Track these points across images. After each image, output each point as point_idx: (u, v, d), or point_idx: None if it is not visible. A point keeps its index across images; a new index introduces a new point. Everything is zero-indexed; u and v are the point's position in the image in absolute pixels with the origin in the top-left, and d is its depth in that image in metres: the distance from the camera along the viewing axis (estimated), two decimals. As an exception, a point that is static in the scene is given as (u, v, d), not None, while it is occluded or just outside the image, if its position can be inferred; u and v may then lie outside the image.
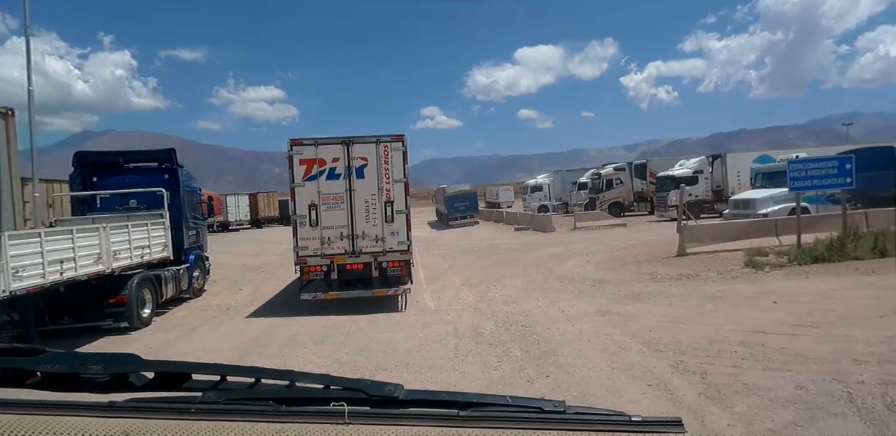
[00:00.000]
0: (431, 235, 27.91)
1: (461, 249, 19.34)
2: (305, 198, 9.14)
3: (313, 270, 9.28)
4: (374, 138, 9.28)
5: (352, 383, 1.11)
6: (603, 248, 16.01)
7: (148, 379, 1.16)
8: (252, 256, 20.75)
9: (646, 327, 7.08)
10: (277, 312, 9.60)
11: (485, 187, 67.74)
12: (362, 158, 9.21)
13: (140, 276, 8.54)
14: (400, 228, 9.35)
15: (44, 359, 1.18)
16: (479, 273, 13.09)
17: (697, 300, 8.57)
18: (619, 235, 19.86)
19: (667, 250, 13.67)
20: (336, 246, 9.19)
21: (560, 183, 38.96)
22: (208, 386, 1.15)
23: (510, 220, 30.77)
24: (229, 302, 10.81)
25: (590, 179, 33.63)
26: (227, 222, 40.70)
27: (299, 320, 8.77)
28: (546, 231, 23.53)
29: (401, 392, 1.08)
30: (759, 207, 14.93)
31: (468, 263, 14.97)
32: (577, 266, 13.03)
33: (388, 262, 9.37)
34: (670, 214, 25.66)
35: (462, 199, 32.24)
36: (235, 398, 1.10)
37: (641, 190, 31.46)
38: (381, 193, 9.29)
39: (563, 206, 38.15)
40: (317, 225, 9.11)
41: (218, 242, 29.26)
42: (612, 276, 11.37)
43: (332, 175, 9.15)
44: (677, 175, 25.92)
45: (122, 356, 1.23)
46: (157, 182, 10.32)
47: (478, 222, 32.50)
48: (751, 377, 5.09)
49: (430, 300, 10.04)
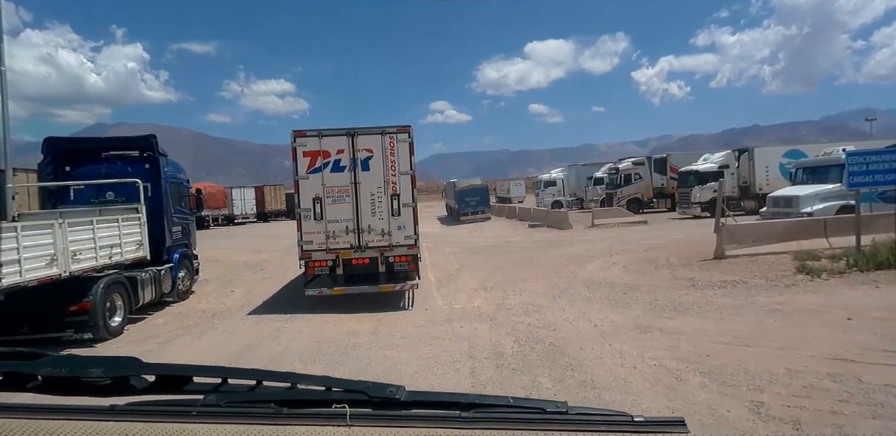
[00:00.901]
0: (441, 230, 26.75)
1: (473, 246, 18.16)
2: (310, 191, 8.85)
3: (318, 266, 8.98)
4: (380, 129, 8.99)
5: (353, 385, 1.11)
6: (627, 248, 14.74)
7: (149, 382, 1.17)
8: (253, 252, 19.69)
9: (700, 350, 5.87)
10: (268, 319, 8.50)
11: (495, 182, 66.32)
12: (367, 150, 8.91)
13: (108, 279, 7.45)
14: (407, 221, 9.04)
15: (44, 363, 1.18)
16: (494, 275, 11.91)
17: (753, 314, 7.32)
18: (642, 234, 18.55)
19: (701, 252, 12.39)
20: (341, 240, 8.91)
21: (574, 178, 37.56)
22: (209, 389, 1.14)
23: (523, 216, 29.52)
24: (217, 306, 9.72)
25: (606, 174, 32.23)
26: (232, 216, 39.78)
27: (290, 331, 7.66)
28: (562, 228, 22.27)
29: (402, 394, 1.09)
30: (802, 205, 13.59)
31: (481, 263, 13.79)
32: (602, 268, 11.80)
33: (395, 256, 9.07)
34: (693, 211, 24.35)
35: (473, 193, 30.99)
36: (237, 401, 1.10)
37: (661, 185, 30.03)
38: (388, 185, 8.98)
39: (577, 201, 36.82)
40: (321, 219, 8.84)
41: (220, 237, 28.42)
42: (643, 281, 10.13)
43: (336, 167, 8.86)
44: (702, 170, 24.52)
45: (123, 360, 1.22)
46: (136, 172, 9.25)
47: (489, 218, 31.27)
48: (860, 429, 3.88)
49: (441, 307, 8.89)
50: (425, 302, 9.32)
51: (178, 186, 10.25)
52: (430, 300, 9.50)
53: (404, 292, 9.45)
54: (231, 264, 16.05)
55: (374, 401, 1.06)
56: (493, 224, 28.50)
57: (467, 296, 9.77)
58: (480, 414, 1.03)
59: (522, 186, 68.25)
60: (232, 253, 19.41)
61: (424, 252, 16.14)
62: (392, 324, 7.87)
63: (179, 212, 10.19)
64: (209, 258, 17.69)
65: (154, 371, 1.18)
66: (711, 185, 24.15)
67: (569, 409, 1.04)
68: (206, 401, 1.09)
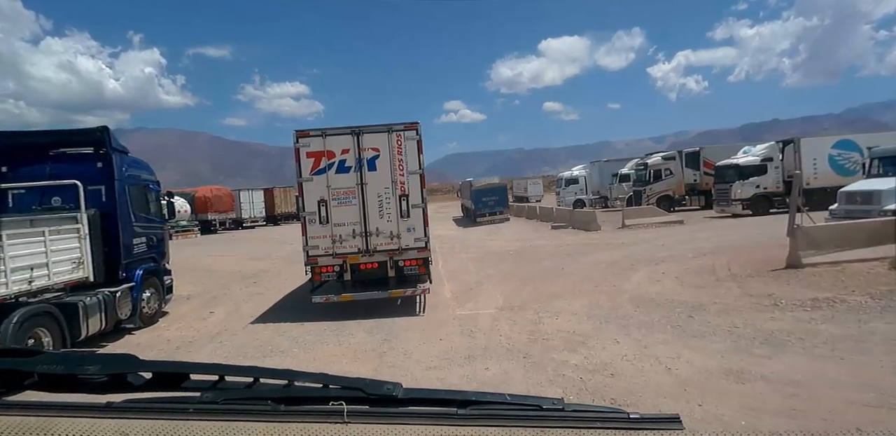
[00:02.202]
0: (457, 233, 24.93)
1: (493, 251, 16.31)
2: (314, 193, 8.52)
3: (325, 271, 8.65)
4: (386, 127, 8.60)
5: (350, 382, 1.11)
6: (672, 253, 12.77)
7: (145, 379, 1.16)
8: (253, 259, 18.09)
9: (841, 419, 3.97)
10: (242, 354, 6.77)
11: (511, 181, 64.29)
12: (374, 149, 8.55)
13: (25, 311, 5.78)
14: (416, 223, 8.68)
15: (41, 360, 1.19)
16: (522, 289, 10.06)
17: (883, 351, 5.39)
18: (683, 236, 16.52)
19: (766, 259, 10.42)
20: (348, 244, 8.58)
21: (598, 175, 35.46)
22: (206, 386, 1.14)
23: (545, 216, 27.55)
24: (187, 334, 8.03)
25: (633, 170, 30.13)
26: (240, 219, 38.43)
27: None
28: (590, 230, 20.31)
29: (399, 391, 1.08)
30: (886, 201, 11.50)
31: (505, 274, 11.94)
32: (650, 280, 9.89)
33: (405, 260, 8.72)
34: (733, 209, 22.21)
35: (491, 193, 29.09)
36: (234, 398, 1.10)
37: (694, 181, 27.84)
38: (395, 186, 8.60)
39: (601, 200, 34.74)
40: (327, 222, 8.52)
41: (224, 242, 26.96)
42: (708, 298, 8.21)
43: (341, 168, 8.52)
44: (743, 164, 22.35)
45: (120, 357, 1.23)
46: (87, 172, 7.64)
47: (508, 219, 29.36)
48: None
49: (460, 336, 7.08)
50: (440, 329, 7.52)
51: (141, 189, 8.61)
52: (446, 325, 7.70)
53: (416, 297, 9.06)
54: (224, 275, 14.44)
55: (371, 398, 1.07)
56: (513, 226, 26.58)
57: (491, 318, 7.95)
58: (477, 411, 1.03)
59: (540, 185, 66.13)
60: (229, 261, 17.85)
61: (438, 260, 14.38)
62: (399, 363, 6.09)
63: (144, 220, 8.53)
64: (202, 268, 16.16)
65: (151, 368, 1.18)
66: (754, 180, 22.03)
67: (565, 406, 1.04)
68: (203, 398, 1.08)
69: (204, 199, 35.50)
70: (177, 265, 17.25)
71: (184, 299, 10.75)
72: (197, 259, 18.83)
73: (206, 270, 15.72)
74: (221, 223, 36.42)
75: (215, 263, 17.51)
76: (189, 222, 33.38)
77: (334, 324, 8.10)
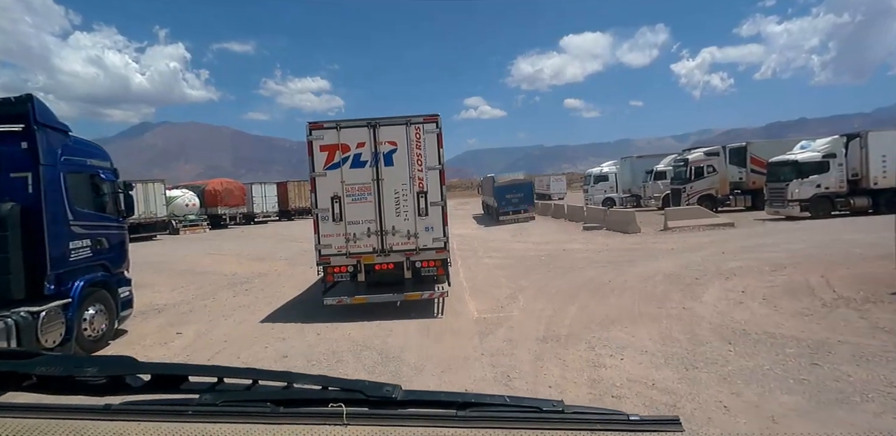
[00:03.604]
0: (479, 233, 22.93)
1: (522, 256, 14.28)
2: (327, 189, 8.11)
3: (338, 271, 8.24)
4: (404, 119, 8.16)
5: (350, 384, 1.11)
6: (740, 264, 10.62)
7: (144, 381, 1.15)
8: (254, 260, 16.37)
9: None
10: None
11: (532, 177, 61.99)
12: (391, 143, 8.14)
13: None
14: (435, 222, 8.22)
15: (39, 362, 1.17)
16: (566, 310, 8.05)
17: None
18: (740, 241, 14.29)
19: (872, 276, 8.32)
20: (363, 244, 8.18)
21: (629, 172, 33.06)
22: (205, 388, 1.14)
23: (574, 215, 25.40)
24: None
25: (671, 167, 27.74)
26: (252, 214, 36.98)
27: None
28: (628, 232, 18.16)
29: (399, 393, 1.08)
30: None
31: (541, 287, 9.92)
32: (731, 302, 7.80)
33: (423, 261, 8.26)
34: (790, 210, 19.80)
35: (515, 190, 26.99)
36: (233, 400, 1.09)
37: (739, 179, 25.40)
38: (413, 182, 8.17)
39: (632, 199, 32.39)
40: (341, 220, 8.12)
41: (230, 239, 25.32)
42: (824, 332, 6.11)
43: (357, 162, 8.11)
44: (802, 160, 19.91)
45: (118, 359, 1.22)
46: (8, 156, 5.86)
47: (533, 218, 27.25)
48: None
49: (494, 392, 5.12)
50: (464, 370, 5.57)
51: (86, 179, 6.79)
52: (472, 364, 5.74)
53: (433, 300, 8.55)
54: (215, 279, 12.70)
55: (370, 400, 1.06)
56: (540, 226, 24.47)
57: (533, 355, 5.95)
58: (477, 413, 1.03)
59: (563, 182, 63.80)
60: (228, 261, 16.15)
61: (459, 267, 12.46)
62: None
63: (89, 217, 6.71)
64: (195, 269, 14.48)
65: (149, 370, 1.18)
66: (814, 178, 19.60)
67: (565, 408, 1.03)
68: (202, 400, 1.08)
69: (214, 192, 34.11)
70: (169, 266, 15.66)
71: (155, 312, 9.00)
72: (194, 258, 17.21)
73: (198, 272, 14.03)
74: (232, 218, 35.02)
75: (212, 263, 15.83)
76: (198, 217, 32.02)
77: (327, 354, 6.23)
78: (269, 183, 40.01)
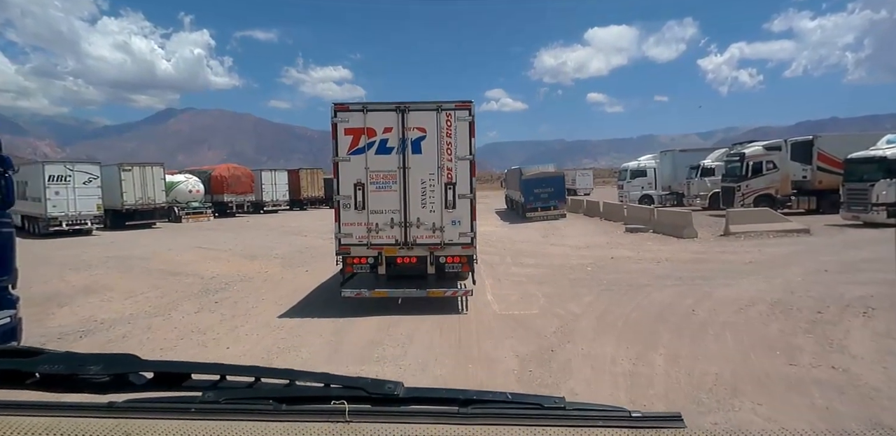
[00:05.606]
0: (504, 231, 20.31)
1: (562, 265, 11.68)
2: (350, 175, 7.66)
3: (357, 263, 7.83)
4: (436, 105, 7.63)
5: (352, 382, 1.10)
6: (867, 289, 7.90)
7: (147, 379, 1.15)
8: (245, 257, 14.09)
9: None
10: None
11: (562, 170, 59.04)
12: (420, 129, 7.62)
13: None
14: (463, 215, 7.72)
15: (42, 360, 1.16)
16: (648, 360, 5.47)
17: None
18: (837, 254, 11.48)
19: None
20: (385, 235, 7.75)
21: (671, 167, 29.99)
22: (208, 386, 1.13)
23: (611, 214, 22.63)
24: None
25: (722, 162, 24.70)
26: (261, 202, 34.84)
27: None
28: (682, 237, 15.41)
29: (401, 390, 1.07)
30: None
31: (600, 316, 7.31)
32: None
33: (447, 257, 7.80)
34: (873, 216, 16.78)
35: (545, 184, 24.27)
36: (235, 398, 1.08)
37: (803, 178, 22.29)
38: (442, 172, 7.65)
39: (672, 196, 29.37)
40: (363, 209, 7.70)
41: (231, 229, 22.90)
42: None
43: (382, 148, 7.63)
44: (892, 156, 16.84)
45: (121, 356, 1.19)
46: None
47: (564, 215, 24.51)
48: None
49: None
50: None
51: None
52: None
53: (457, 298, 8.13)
54: (187, 284, 10.41)
55: (372, 397, 1.06)
56: (573, 224, 21.78)
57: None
58: (479, 410, 1.02)
59: (590, 177, 60.78)
60: (214, 258, 13.89)
61: (485, 279, 9.97)
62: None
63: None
64: (172, 269, 12.21)
65: (152, 368, 1.16)
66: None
67: (567, 404, 1.03)
68: (205, 398, 1.07)
69: (220, 178, 32.08)
70: (143, 263, 13.08)
71: (77, 336, 6.68)
72: (177, 253, 15.02)
73: (172, 272, 11.79)
74: (239, 206, 32.96)
75: (195, 260, 13.58)
76: (202, 204, 30.01)
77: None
78: (279, 170, 37.83)
